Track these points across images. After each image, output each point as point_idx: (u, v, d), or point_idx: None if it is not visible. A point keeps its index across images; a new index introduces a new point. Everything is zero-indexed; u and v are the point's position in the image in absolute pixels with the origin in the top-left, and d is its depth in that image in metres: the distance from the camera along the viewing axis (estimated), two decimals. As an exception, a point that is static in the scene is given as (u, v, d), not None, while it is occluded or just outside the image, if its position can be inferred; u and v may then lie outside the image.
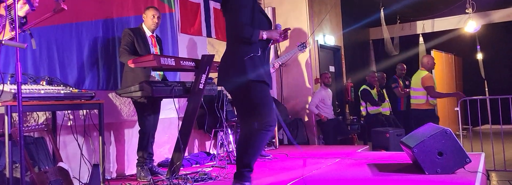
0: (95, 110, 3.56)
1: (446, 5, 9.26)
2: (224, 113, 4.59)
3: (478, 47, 10.08)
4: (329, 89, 6.84)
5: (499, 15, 10.15)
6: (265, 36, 2.91)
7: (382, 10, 8.52)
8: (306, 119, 6.90)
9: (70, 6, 3.77)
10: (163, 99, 4.08)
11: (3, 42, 2.07)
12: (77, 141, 3.50)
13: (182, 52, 5.13)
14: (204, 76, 3.77)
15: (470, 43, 10.16)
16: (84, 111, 3.65)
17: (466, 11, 8.74)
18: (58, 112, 3.46)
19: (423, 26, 11.00)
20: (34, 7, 2.27)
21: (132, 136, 4.30)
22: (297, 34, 6.98)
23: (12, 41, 2.11)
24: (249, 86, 2.82)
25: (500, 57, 10.40)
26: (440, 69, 8.62)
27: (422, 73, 5.90)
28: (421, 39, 10.84)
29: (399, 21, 10.16)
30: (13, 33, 2.29)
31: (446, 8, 9.49)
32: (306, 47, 5.26)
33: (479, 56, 10.06)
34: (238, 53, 2.84)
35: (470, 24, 9.01)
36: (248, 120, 2.87)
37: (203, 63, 3.77)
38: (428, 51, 10.03)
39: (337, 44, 8.01)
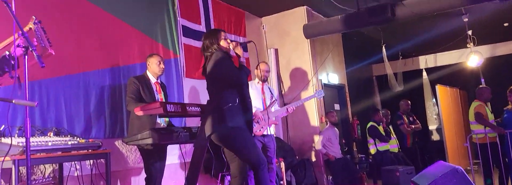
0: (102, 159, 3.56)
1: (447, 41, 9.39)
2: (231, 157, 4.56)
3: (483, 80, 10.08)
4: (335, 128, 6.82)
5: (502, 49, 10.24)
6: (242, 59, 3.33)
7: (384, 47, 8.63)
8: (314, 158, 6.83)
9: (76, 57, 3.90)
10: (169, 145, 4.08)
11: (14, 101, 2.10)
12: (84, 191, 3.48)
13: (188, 97, 5.18)
14: (210, 121, 3.78)
15: (474, 76, 10.16)
16: (91, 160, 3.64)
17: (467, 46, 8.83)
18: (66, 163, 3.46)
19: (426, 61, 11.10)
20: (44, 64, 2.32)
21: (138, 183, 4.26)
22: (301, 74, 7.05)
23: (23, 100, 2.14)
24: (229, 133, 3.10)
25: (505, 90, 10.37)
26: (446, 104, 8.59)
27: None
28: (424, 74, 10.91)
29: (401, 57, 10.25)
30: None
31: (447, 44, 9.62)
32: (323, 94, 5.39)
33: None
34: (218, 103, 3.14)
35: (472, 59, 9.04)
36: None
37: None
38: (432, 86, 10.06)
39: (341, 83, 8.06)
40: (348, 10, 6.36)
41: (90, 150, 3.29)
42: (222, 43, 3.28)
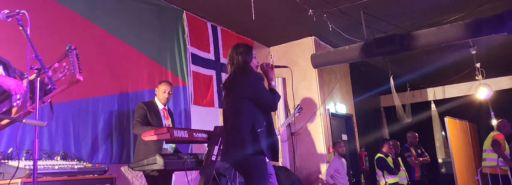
0: (108, 184, 3.52)
1: (455, 73, 9.39)
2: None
3: (492, 113, 9.98)
4: (343, 159, 6.73)
5: (510, 81, 10.21)
6: (273, 83, 3.17)
7: (391, 78, 8.65)
8: (321, 189, 6.71)
9: (87, 82, 3.93)
10: (175, 171, 4.04)
11: (24, 120, 2.12)
12: (87, 217, 3.42)
13: (195, 123, 5.18)
14: (216, 147, 3.75)
15: (483, 109, 10.08)
16: (96, 185, 3.61)
17: (476, 78, 8.81)
18: (70, 187, 3.44)
19: (434, 93, 11.07)
20: (55, 86, 2.36)
21: (142, 210, 4.21)
22: (308, 103, 7.05)
23: (32, 120, 2.17)
24: (257, 158, 2.87)
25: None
26: (455, 136, 8.48)
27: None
28: (433, 105, 10.84)
29: (409, 88, 10.25)
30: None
31: (455, 76, 9.62)
32: (301, 109, 5.67)
33: (494, 122, 9.91)
34: (253, 124, 2.91)
35: (481, 91, 8.97)
36: None
37: (216, 135, 3.77)
38: (441, 118, 9.97)
39: (348, 112, 8.04)
40: (356, 41, 6.43)
41: (96, 175, 3.27)
42: (253, 62, 3.13)
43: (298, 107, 5.64)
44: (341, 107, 7.73)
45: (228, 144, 3.01)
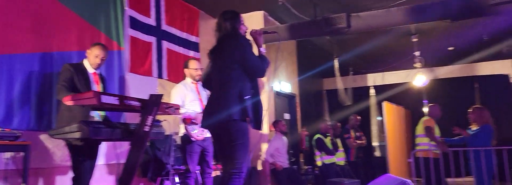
0: (21, 153, 3.09)
1: (396, 60, 9.57)
2: (171, 159, 4.19)
3: (425, 101, 10.33)
4: (284, 137, 6.62)
5: (445, 72, 10.60)
6: (263, 49, 3.00)
7: (336, 60, 8.63)
8: (260, 167, 6.57)
9: (1, 36, 3.42)
10: (102, 142, 3.66)
11: None
12: (-6, 189, 3.00)
13: (130, 93, 4.77)
14: (150, 117, 3.41)
15: (417, 97, 10.41)
16: (8, 153, 3.17)
17: (415, 65, 8.99)
18: (-26, 154, 2.98)
19: (374, 78, 11.29)
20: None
21: (64, 184, 3.79)
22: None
23: None
24: (241, 125, 2.82)
25: (446, 112, 10.65)
26: (391, 121, 8.68)
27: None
28: (372, 91, 11.07)
29: (352, 72, 10.35)
30: None
31: (395, 63, 9.81)
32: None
33: (426, 110, 10.26)
34: (241, 91, 2.86)
35: (419, 78, 9.22)
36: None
37: (150, 104, 3.42)
38: (379, 103, 10.18)
39: (292, 92, 7.93)
40: (304, 19, 6.26)
41: (6, 141, 2.84)
42: (241, 28, 2.98)
43: None
44: (285, 85, 7.59)
45: (213, 109, 2.89)
